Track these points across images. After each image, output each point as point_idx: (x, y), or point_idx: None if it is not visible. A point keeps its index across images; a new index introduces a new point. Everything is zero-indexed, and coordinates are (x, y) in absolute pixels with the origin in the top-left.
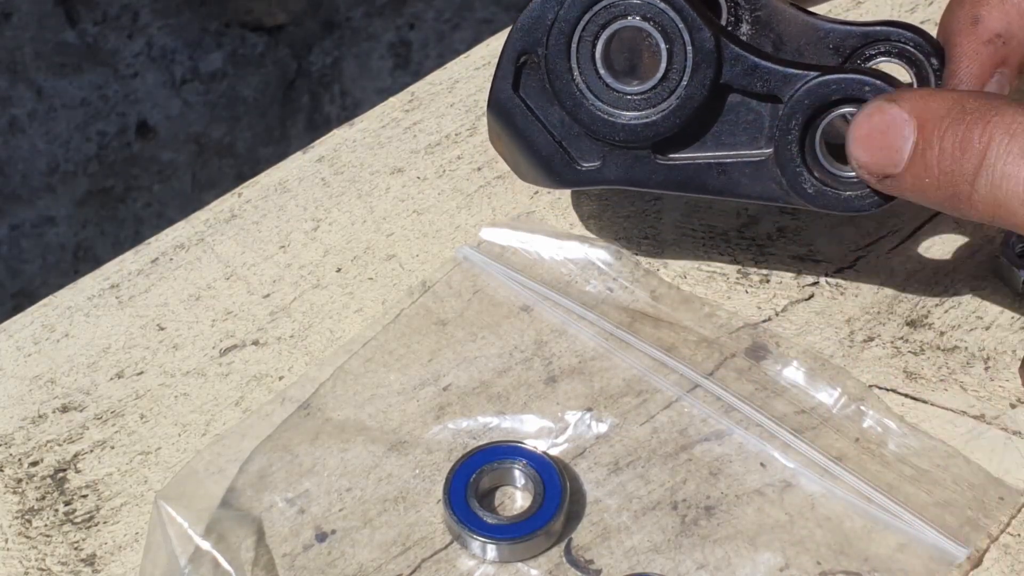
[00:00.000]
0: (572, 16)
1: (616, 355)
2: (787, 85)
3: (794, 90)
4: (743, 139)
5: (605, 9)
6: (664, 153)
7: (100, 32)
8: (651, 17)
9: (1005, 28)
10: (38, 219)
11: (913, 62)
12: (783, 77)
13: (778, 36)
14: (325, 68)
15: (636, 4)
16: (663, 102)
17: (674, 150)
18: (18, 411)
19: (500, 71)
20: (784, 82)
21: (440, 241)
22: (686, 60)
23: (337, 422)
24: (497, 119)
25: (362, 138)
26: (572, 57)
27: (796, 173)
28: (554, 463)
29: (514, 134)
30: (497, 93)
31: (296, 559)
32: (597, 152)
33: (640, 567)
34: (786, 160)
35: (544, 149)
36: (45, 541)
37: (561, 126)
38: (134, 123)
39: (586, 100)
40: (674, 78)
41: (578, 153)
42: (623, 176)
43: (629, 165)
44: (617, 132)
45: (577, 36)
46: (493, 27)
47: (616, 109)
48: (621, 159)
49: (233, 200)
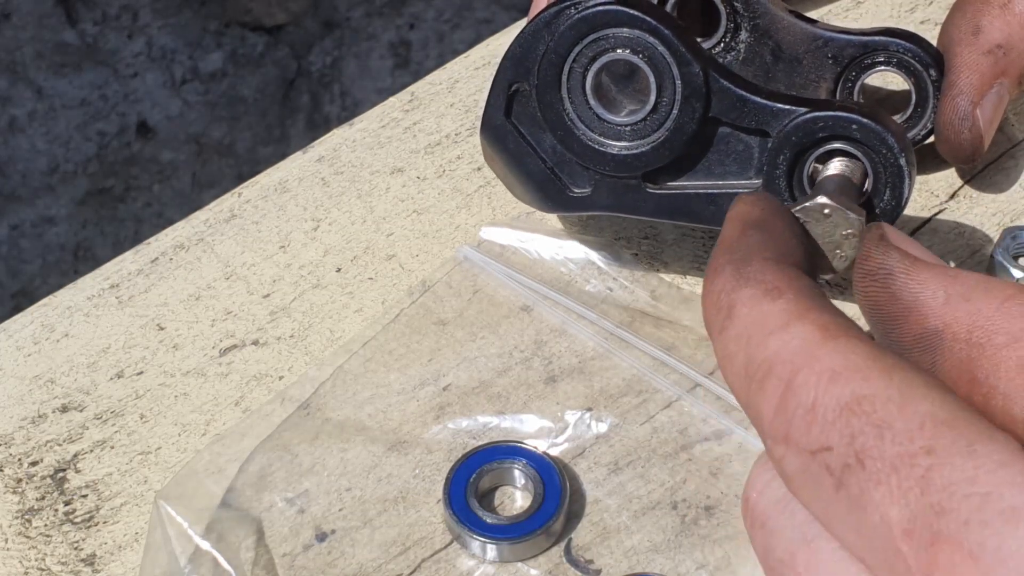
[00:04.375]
0: (563, 48)
1: (616, 355)
2: (775, 120)
3: (782, 126)
4: (733, 169)
5: (595, 42)
6: (654, 182)
7: (100, 32)
8: (640, 50)
9: (1006, 39)
10: (38, 219)
11: (912, 72)
12: (771, 112)
13: (777, 44)
14: (325, 68)
15: (626, 37)
16: (653, 134)
17: (664, 179)
18: (18, 411)
19: (492, 98)
20: (772, 117)
21: (440, 241)
22: (675, 93)
23: (337, 422)
24: (490, 144)
25: (362, 138)
26: (563, 87)
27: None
28: (554, 463)
29: (507, 159)
30: (489, 119)
31: (296, 559)
32: (588, 179)
33: (640, 567)
34: (775, 193)
35: (536, 175)
36: (45, 541)
37: (553, 153)
38: (134, 123)
39: (576, 130)
40: (663, 111)
41: (570, 179)
42: (613, 203)
43: (620, 193)
44: (607, 162)
45: (568, 67)
46: (493, 27)
47: (606, 139)
48: (612, 187)
49: (233, 200)
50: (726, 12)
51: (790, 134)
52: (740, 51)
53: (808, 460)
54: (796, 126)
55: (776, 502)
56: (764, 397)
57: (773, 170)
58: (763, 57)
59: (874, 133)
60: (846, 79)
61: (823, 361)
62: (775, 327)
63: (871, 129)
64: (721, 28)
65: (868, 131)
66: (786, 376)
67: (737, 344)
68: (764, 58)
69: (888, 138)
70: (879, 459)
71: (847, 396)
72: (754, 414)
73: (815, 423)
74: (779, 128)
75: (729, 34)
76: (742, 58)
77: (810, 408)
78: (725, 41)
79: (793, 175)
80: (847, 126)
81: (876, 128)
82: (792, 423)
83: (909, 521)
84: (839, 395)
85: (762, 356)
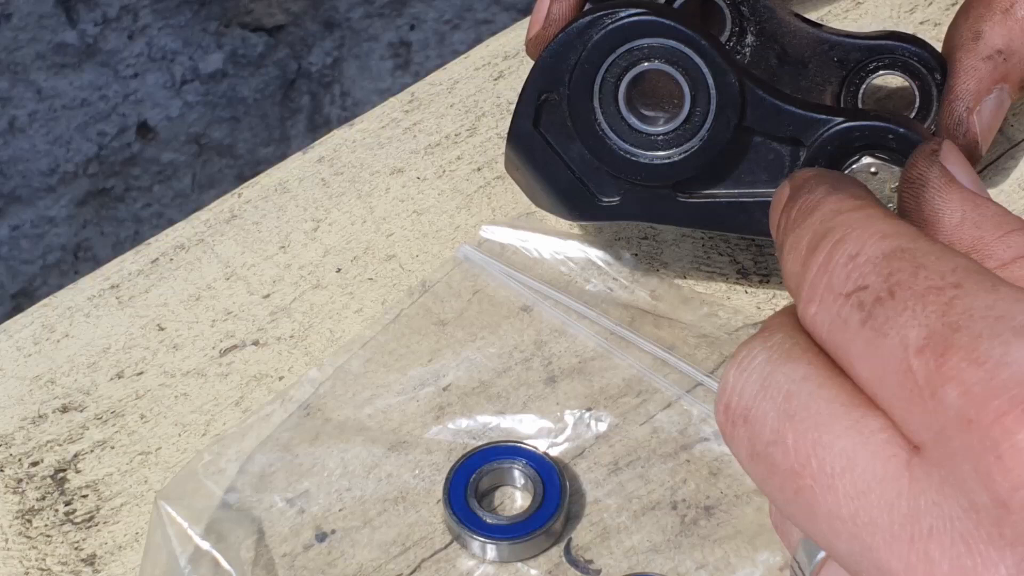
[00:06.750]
0: (595, 59)
1: (616, 355)
2: (810, 130)
3: (817, 135)
4: (763, 178)
5: (629, 52)
6: (685, 191)
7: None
8: (675, 61)
9: (1007, 44)
10: (38, 219)
11: (916, 75)
12: (806, 122)
13: (783, 48)
14: (325, 68)
15: (659, 48)
16: (686, 143)
17: (694, 188)
18: (18, 411)
19: (520, 107)
20: (807, 127)
21: (440, 241)
22: (710, 103)
23: (337, 422)
24: (517, 153)
25: (362, 138)
26: (595, 98)
27: None
28: (554, 463)
29: (533, 168)
30: (517, 128)
31: (296, 559)
32: (617, 188)
33: (640, 567)
34: None
35: (563, 184)
36: (45, 541)
37: (581, 162)
38: (134, 123)
39: (608, 140)
40: (697, 120)
41: (598, 188)
42: (643, 212)
43: (649, 202)
44: (639, 172)
45: (600, 78)
46: (493, 28)
47: (638, 149)
48: (641, 196)
49: (233, 200)
50: (732, 16)
51: (825, 144)
52: (746, 55)
53: (842, 303)
54: (832, 136)
55: (755, 394)
56: (814, 257)
57: None
58: (769, 61)
59: (910, 143)
60: (851, 82)
61: (876, 225)
62: (847, 208)
63: (907, 138)
64: (726, 32)
65: (904, 140)
66: (840, 234)
67: (809, 227)
68: (770, 61)
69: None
70: (909, 289)
71: (891, 247)
72: (797, 282)
73: (856, 268)
74: (814, 138)
75: (735, 38)
76: (748, 61)
77: (854, 255)
78: (730, 45)
79: None
80: (883, 135)
81: (913, 137)
82: (834, 272)
83: (925, 338)
84: (885, 247)
85: (828, 227)
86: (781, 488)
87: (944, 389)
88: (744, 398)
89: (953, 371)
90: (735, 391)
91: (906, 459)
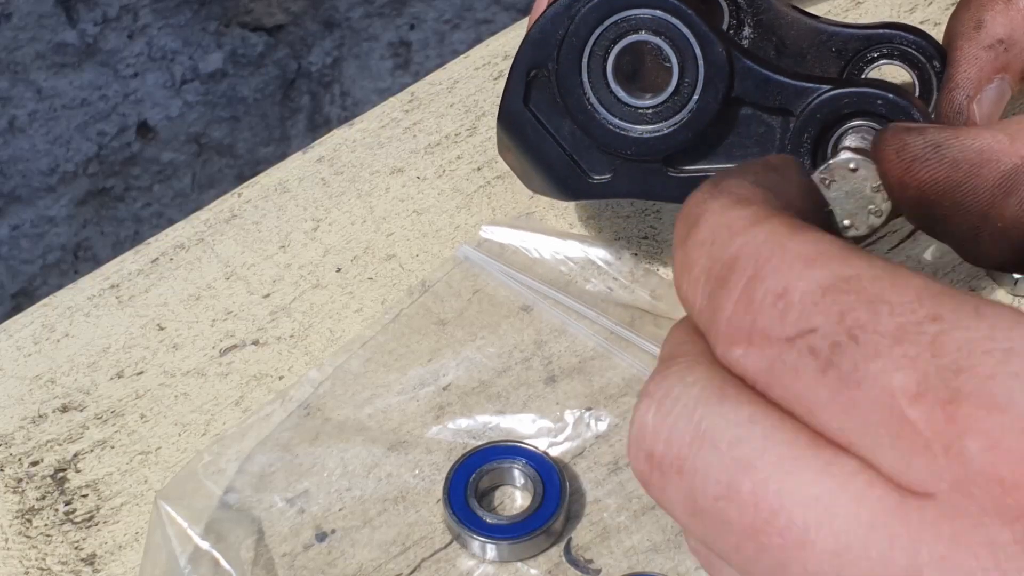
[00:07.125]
0: (583, 32)
1: (616, 354)
2: (799, 99)
3: (805, 104)
4: (755, 151)
5: (616, 24)
6: (675, 166)
7: (100, 32)
8: (662, 31)
9: (1008, 34)
10: (38, 219)
11: (915, 64)
12: (795, 91)
13: (780, 40)
14: (325, 68)
15: (647, 19)
16: (675, 116)
17: (685, 163)
18: (18, 411)
19: (510, 85)
20: (796, 96)
21: (440, 241)
22: (698, 74)
23: (337, 422)
24: (507, 132)
25: (362, 138)
26: (583, 72)
27: None
28: (554, 463)
29: (525, 147)
30: (507, 106)
31: (296, 559)
32: (608, 165)
33: (640, 567)
34: None
35: (555, 162)
36: (45, 541)
37: (572, 139)
38: (134, 123)
39: (598, 114)
40: (686, 92)
41: (589, 166)
42: (634, 189)
43: (640, 178)
44: (629, 146)
45: (588, 51)
46: (493, 28)
47: (628, 123)
48: (632, 172)
49: (233, 200)
50: (729, 8)
51: (815, 111)
52: (744, 46)
53: (783, 348)
54: (821, 103)
55: (689, 442)
56: (725, 293)
57: (797, 148)
58: (767, 52)
59: (900, 108)
60: (850, 73)
61: (793, 249)
62: (741, 228)
63: (897, 104)
64: (724, 24)
65: (894, 106)
66: (752, 267)
67: (700, 249)
68: (768, 53)
69: (914, 112)
70: (876, 332)
71: (828, 278)
72: (708, 318)
73: (791, 308)
74: (803, 106)
75: (732, 29)
76: None
77: (781, 294)
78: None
79: (817, 154)
80: (872, 101)
81: (902, 103)
82: (760, 312)
83: (918, 385)
84: (818, 278)
85: (726, 255)
86: (737, 548)
87: (963, 442)
88: (674, 446)
89: (969, 420)
90: (659, 438)
91: (897, 501)
